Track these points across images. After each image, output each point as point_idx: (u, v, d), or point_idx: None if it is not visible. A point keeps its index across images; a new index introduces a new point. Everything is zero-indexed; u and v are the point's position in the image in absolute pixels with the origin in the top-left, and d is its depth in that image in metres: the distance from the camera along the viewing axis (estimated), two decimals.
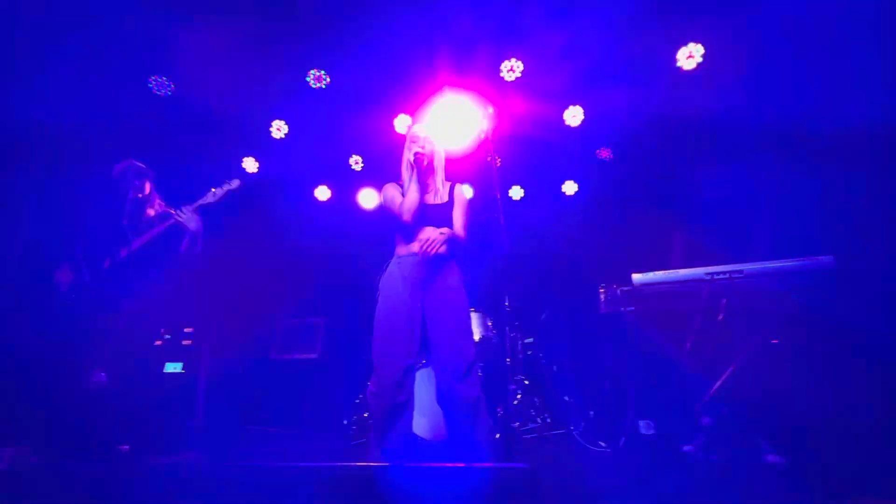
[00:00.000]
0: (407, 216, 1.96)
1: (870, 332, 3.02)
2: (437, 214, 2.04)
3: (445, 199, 2.11)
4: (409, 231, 2.03)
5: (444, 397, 1.84)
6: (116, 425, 1.98)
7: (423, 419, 2.86)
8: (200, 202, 2.21)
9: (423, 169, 1.98)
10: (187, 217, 2.17)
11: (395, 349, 1.84)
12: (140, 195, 2.22)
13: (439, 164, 2.12)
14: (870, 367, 3.43)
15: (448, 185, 2.16)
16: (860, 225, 2.84)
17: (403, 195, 2.02)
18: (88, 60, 3.25)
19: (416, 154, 1.97)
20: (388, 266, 2.05)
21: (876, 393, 3.14)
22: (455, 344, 1.85)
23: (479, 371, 2.50)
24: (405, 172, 2.08)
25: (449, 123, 2.87)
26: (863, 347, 3.39)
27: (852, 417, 3.25)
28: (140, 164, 2.30)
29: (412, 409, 1.88)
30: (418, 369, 2.64)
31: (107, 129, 3.52)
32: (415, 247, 1.96)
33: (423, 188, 2.02)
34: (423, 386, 2.65)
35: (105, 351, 1.45)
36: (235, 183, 2.30)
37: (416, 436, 2.94)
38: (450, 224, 2.06)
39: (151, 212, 2.27)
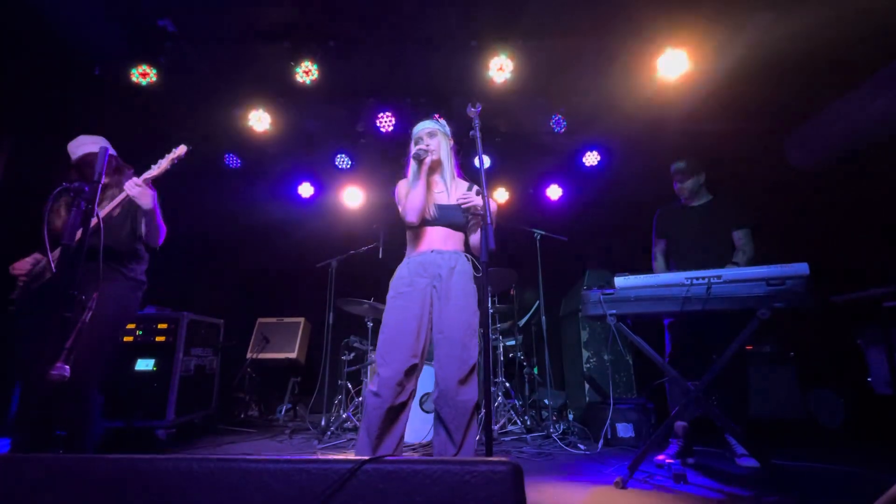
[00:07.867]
0: (410, 216, 1.90)
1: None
2: (446, 215, 1.96)
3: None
4: (415, 232, 1.98)
5: (442, 399, 1.78)
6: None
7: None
8: (145, 176, 2.04)
9: (424, 168, 1.91)
10: (137, 191, 1.98)
11: (400, 350, 1.78)
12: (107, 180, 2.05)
13: (447, 161, 2.04)
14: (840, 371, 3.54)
15: (462, 184, 2.05)
16: None
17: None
18: None
19: (415, 152, 1.91)
20: (399, 267, 1.98)
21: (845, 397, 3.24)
22: (459, 346, 1.79)
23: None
24: (410, 171, 1.98)
25: None
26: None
27: (824, 421, 3.35)
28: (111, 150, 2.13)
29: (409, 413, 1.83)
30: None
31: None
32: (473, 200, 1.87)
33: (428, 187, 1.95)
34: None
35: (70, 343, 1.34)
36: (180, 150, 2.12)
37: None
38: (461, 227, 1.98)
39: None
